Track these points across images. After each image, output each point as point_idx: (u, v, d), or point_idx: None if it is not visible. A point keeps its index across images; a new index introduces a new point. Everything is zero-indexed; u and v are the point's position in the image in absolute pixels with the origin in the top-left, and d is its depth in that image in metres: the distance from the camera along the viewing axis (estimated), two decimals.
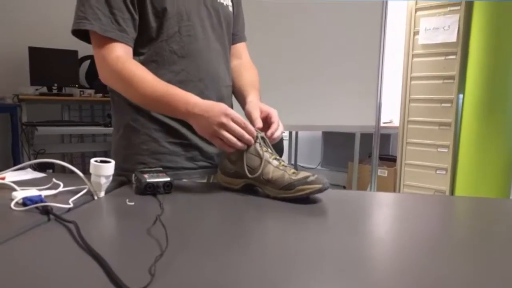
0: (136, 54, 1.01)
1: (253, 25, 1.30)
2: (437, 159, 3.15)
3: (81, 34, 0.98)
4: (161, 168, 0.96)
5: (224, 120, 0.85)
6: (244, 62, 1.24)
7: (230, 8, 1.17)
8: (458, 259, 0.55)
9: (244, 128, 0.87)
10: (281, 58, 2.61)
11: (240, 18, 1.26)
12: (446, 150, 3.10)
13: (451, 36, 2.98)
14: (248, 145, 0.88)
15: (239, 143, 0.87)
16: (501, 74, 2.80)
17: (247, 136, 0.87)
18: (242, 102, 1.11)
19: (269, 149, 0.91)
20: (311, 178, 0.83)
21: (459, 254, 0.58)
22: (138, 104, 1.01)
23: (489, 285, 0.47)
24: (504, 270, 0.52)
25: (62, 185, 0.86)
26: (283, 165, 0.87)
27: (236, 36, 1.24)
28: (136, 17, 0.99)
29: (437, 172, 3.16)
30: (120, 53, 0.96)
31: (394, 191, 3.39)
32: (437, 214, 0.83)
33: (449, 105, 3.05)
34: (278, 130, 0.97)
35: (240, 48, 1.25)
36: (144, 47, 1.02)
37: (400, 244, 0.62)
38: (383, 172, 3.52)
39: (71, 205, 0.73)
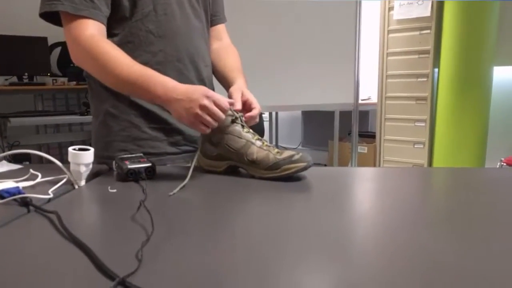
0: (109, 35, 0.96)
1: (230, 7, 1.27)
2: (415, 134, 3.21)
3: (50, 16, 0.93)
4: (142, 154, 0.94)
5: (206, 102, 0.81)
6: (225, 44, 1.21)
7: None
8: (441, 228, 0.57)
9: (224, 111, 0.84)
10: (258, 39, 2.57)
11: None
12: (424, 124, 3.16)
13: (425, 10, 3.00)
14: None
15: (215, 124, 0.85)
16: (474, 47, 2.85)
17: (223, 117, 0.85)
18: (228, 87, 1.08)
19: (250, 130, 0.90)
20: (296, 156, 0.83)
21: (442, 223, 0.59)
22: (112, 88, 0.96)
23: (475, 253, 0.49)
24: (485, 235, 0.53)
25: (40, 175, 0.83)
26: (266, 145, 0.87)
27: (216, 17, 1.20)
28: None
29: (415, 146, 3.23)
30: (94, 31, 0.90)
31: (374, 166, 3.45)
32: (417, 185, 0.84)
33: (425, 79, 3.10)
34: (256, 117, 0.96)
35: (220, 29, 1.22)
36: (118, 27, 0.97)
37: (384, 216, 0.63)
38: (363, 148, 3.57)
39: (51, 196, 0.71)
